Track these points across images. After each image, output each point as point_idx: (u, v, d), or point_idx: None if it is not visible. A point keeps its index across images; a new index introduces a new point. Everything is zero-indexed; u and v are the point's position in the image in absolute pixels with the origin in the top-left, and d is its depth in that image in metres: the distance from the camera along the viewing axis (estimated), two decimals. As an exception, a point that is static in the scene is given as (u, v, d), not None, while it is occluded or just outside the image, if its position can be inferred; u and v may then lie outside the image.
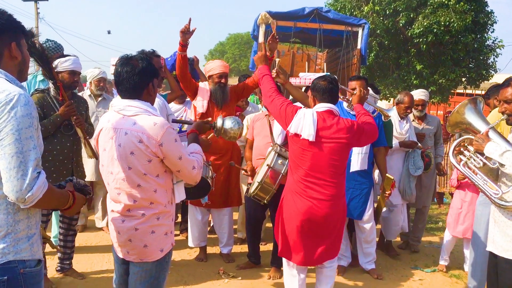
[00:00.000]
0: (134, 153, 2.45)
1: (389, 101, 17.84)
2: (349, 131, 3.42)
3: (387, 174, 4.62)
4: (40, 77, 4.84)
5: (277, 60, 4.54)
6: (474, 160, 3.09)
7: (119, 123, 2.50)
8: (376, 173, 5.40)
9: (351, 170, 4.47)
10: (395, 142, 5.12)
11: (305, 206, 3.46)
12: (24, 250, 1.92)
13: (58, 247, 3.03)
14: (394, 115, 5.21)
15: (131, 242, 2.56)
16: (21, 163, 1.81)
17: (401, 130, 5.22)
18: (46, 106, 4.12)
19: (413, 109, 5.45)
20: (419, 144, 5.34)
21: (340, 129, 3.41)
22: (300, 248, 3.58)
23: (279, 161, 4.22)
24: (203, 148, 2.98)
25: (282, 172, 4.19)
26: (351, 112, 4.48)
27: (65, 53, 4.74)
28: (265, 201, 4.32)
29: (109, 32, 54.09)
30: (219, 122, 3.24)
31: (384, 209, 5.21)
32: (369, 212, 4.67)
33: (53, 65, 3.99)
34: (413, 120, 5.58)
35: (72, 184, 2.24)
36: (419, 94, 5.52)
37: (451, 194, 6.98)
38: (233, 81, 12.11)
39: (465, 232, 4.84)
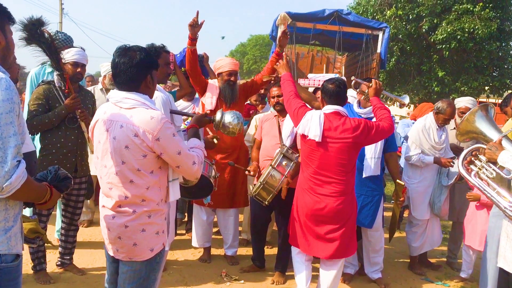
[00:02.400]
0: (129, 147, 2.36)
1: (409, 107, 17.57)
2: (355, 130, 3.53)
3: (397, 180, 4.47)
4: (49, 69, 4.80)
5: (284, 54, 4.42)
6: (486, 170, 2.92)
7: (115, 115, 2.42)
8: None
9: (364, 175, 4.34)
10: (429, 156, 4.87)
11: (313, 202, 3.65)
12: None
13: (53, 242, 2.93)
14: (431, 123, 4.93)
15: (121, 240, 2.47)
16: (0, 149, 1.72)
17: (438, 139, 4.90)
18: (52, 98, 4.06)
19: (456, 116, 5.17)
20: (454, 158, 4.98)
21: (346, 129, 3.53)
22: (308, 240, 3.77)
23: (284, 163, 4.12)
24: (206, 148, 2.90)
25: (285, 173, 4.08)
26: (362, 115, 4.36)
27: (84, 47, 4.67)
28: (266, 202, 4.20)
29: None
30: (218, 116, 3.13)
31: (408, 224, 5.04)
32: (378, 220, 4.52)
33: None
34: (454, 128, 5.22)
35: (47, 181, 2.15)
36: (466, 102, 5.20)
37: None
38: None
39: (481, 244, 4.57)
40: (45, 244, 4.09)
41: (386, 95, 4.46)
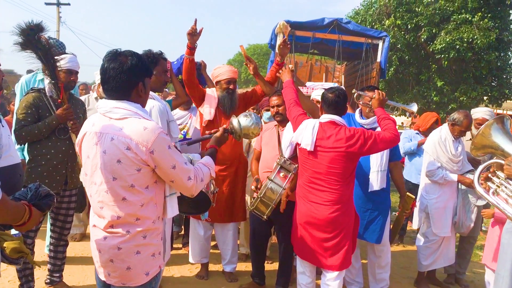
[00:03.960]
0: (121, 161, 2.15)
1: (408, 117, 17.45)
2: (348, 140, 3.46)
3: (407, 193, 4.27)
4: (40, 76, 4.61)
5: (291, 66, 4.26)
6: (505, 187, 2.72)
7: (105, 127, 2.20)
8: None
9: (370, 190, 4.15)
10: (453, 174, 4.68)
11: (306, 209, 3.63)
12: None
13: (37, 265, 2.72)
14: (447, 135, 4.74)
15: (113, 263, 2.25)
16: None
17: (455, 151, 4.71)
18: (42, 107, 3.87)
19: (472, 127, 4.99)
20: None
21: (339, 139, 3.48)
22: (305, 246, 3.72)
23: (281, 174, 3.94)
24: (219, 143, 2.84)
25: (283, 186, 3.90)
26: (365, 125, 4.19)
27: (80, 55, 4.50)
28: (265, 217, 4.00)
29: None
30: (235, 124, 2.95)
31: (421, 239, 4.86)
32: (386, 235, 4.33)
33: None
34: (470, 139, 5.06)
35: (26, 201, 1.94)
36: (483, 113, 5.04)
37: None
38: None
39: None
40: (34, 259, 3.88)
41: (392, 105, 4.26)
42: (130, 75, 2.21)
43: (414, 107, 4.34)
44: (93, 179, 2.26)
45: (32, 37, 3.35)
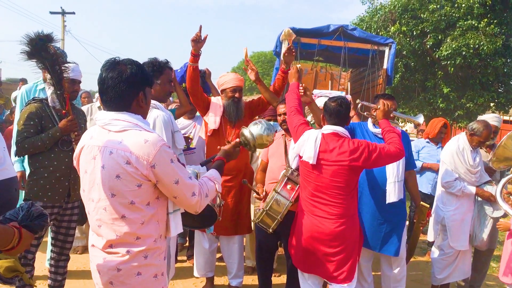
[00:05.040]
0: (121, 176, 2.03)
1: (415, 127, 17.31)
2: (352, 153, 3.34)
3: (421, 203, 4.13)
4: (40, 86, 4.50)
5: (299, 65, 4.14)
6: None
7: (104, 140, 2.09)
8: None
9: (387, 202, 3.97)
10: (471, 187, 4.53)
11: (310, 223, 3.49)
12: None
13: (34, 285, 2.58)
14: (465, 145, 4.60)
15: (113, 285, 2.12)
16: None
17: (473, 162, 4.56)
18: (45, 117, 3.75)
19: None
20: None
21: (342, 152, 3.35)
22: (308, 259, 3.60)
23: (288, 186, 3.80)
24: (228, 157, 2.70)
25: (290, 198, 3.77)
26: (378, 135, 4.04)
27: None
28: (271, 230, 3.86)
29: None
30: (247, 135, 2.81)
31: (436, 251, 4.70)
32: (402, 247, 4.14)
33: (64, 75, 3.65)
34: (480, 148, 4.89)
35: (17, 222, 1.81)
36: (492, 119, 4.89)
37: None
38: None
39: None
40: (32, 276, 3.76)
41: (398, 116, 4.11)
42: (130, 85, 2.09)
43: (420, 119, 4.16)
44: (90, 196, 2.15)
45: (40, 47, 3.28)
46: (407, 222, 4.53)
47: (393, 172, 3.95)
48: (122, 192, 2.04)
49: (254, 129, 2.84)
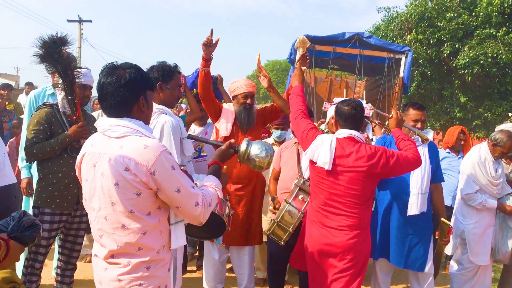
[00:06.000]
0: (119, 184, 1.94)
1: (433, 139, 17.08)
2: (370, 158, 3.15)
3: (442, 219, 3.96)
4: (49, 91, 4.46)
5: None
6: None
7: (103, 147, 2.02)
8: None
9: (408, 214, 3.83)
10: (492, 200, 4.39)
11: (320, 235, 3.29)
12: None
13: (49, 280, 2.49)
14: (487, 155, 4.46)
15: None
16: None
17: (495, 173, 4.41)
18: (55, 123, 3.70)
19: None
20: None
21: (360, 157, 3.16)
22: (315, 276, 3.40)
23: (300, 197, 3.67)
24: (223, 159, 2.56)
25: (302, 210, 3.65)
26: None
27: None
28: (283, 242, 3.73)
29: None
30: (243, 146, 2.70)
31: (455, 266, 4.54)
32: (430, 262, 3.98)
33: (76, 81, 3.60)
34: (507, 159, 4.79)
35: (6, 233, 1.72)
36: (511, 129, 4.73)
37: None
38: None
39: None
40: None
41: (409, 128, 3.92)
42: (130, 89, 2.02)
43: (430, 135, 3.96)
44: (91, 205, 2.07)
45: (53, 50, 3.24)
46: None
47: (417, 183, 3.81)
48: (121, 201, 1.97)
49: (254, 147, 2.72)
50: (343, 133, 3.29)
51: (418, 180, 3.80)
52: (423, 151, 3.88)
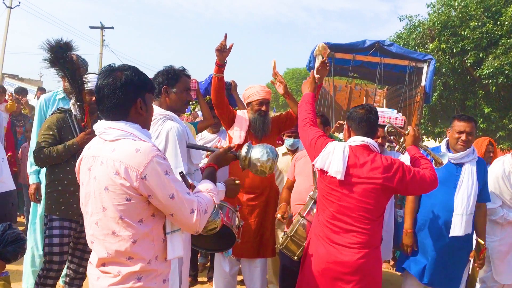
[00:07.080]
0: (109, 188, 1.87)
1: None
2: (386, 170, 2.86)
3: (478, 239, 3.78)
4: (60, 95, 4.40)
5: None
6: None
7: (97, 150, 1.97)
8: None
9: (451, 235, 3.64)
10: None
11: (328, 253, 2.95)
12: None
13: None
14: (511, 169, 4.27)
15: None
16: None
17: None
18: (65, 128, 3.62)
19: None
20: None
21: (375, 168, 2.87)
22: None
23: (314, 210, 3.48)
24: (229, 194, 2.38)
25: None
26: (452, 160, 3.73)
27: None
28: (296, 258, 3.54)
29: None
30: (244, 150, 2.55)
31: (478, 284, 4.32)
32: (463, 285, 3.83)
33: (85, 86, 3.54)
34: None
35: None
36: None
37: None
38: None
39: None
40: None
41: (424, 148, 3.65)
42: (126, 91, 1.95)
43: (445, 159, 3.55)
44: (86, 209, 2.00)
45: (60, 55, 3.22)
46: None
47: (462, 203, 3.62)
48: (111, 206, 1.89)
49: (255, 151, 2.57)
50: (356, 140, 3.01)
51: (463, 199, 3.61)
52: (471, 169, 3.70)
